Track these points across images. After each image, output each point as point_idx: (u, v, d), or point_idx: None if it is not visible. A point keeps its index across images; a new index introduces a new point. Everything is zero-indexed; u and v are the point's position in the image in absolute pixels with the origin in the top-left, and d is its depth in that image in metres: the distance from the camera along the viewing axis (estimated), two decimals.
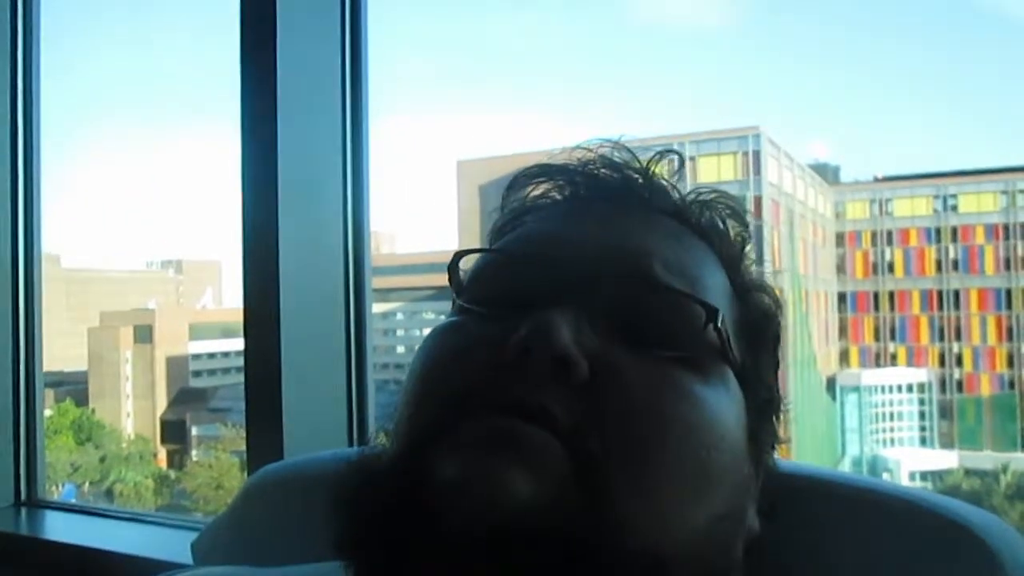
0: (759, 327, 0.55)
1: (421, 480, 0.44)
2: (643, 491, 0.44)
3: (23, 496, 1.60)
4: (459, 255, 0.55)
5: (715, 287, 0.53)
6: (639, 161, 0.57)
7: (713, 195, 0.58)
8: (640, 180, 0.56)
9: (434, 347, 0.51)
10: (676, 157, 0.58)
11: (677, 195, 0.57)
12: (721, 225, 0.57)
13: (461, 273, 0.55)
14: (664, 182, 0.57)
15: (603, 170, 0.56)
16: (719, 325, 0.49)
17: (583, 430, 0.44)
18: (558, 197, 0.57)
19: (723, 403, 0.48)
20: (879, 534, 0.56)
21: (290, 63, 1.28)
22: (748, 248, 0.57)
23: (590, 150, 0.57)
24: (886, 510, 0.56)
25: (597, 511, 0.42)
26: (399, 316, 16.37)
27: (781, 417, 0.56)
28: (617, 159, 0.57)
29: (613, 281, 0.49)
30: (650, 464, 0.44)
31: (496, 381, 0.45)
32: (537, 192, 0.58)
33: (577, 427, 0.44)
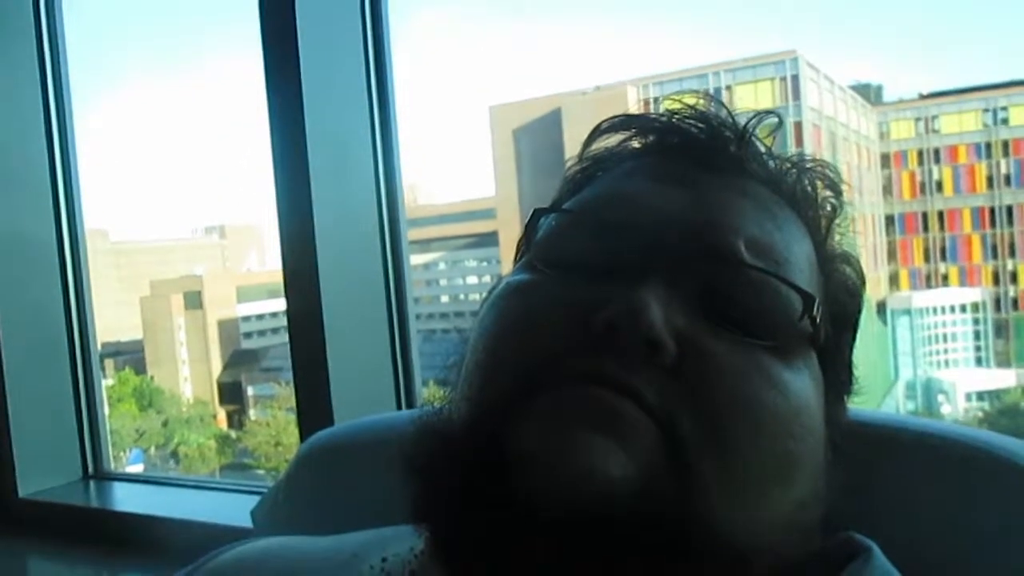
0: (842, 304, 0.54)
1: (501, 451, 0.42)
2: (731, 479, 0.43)
3: (90, 469, 1.65)
4: (539, 214, 0.53)
5: (802, 263, 0.50)
6: (733, 119, 0.54)
7: (811, 163, 0.55)
8: (731, 136, 0.53)
9: (510, 307, 0.49)
10: (775, 119, 0.55)
11: (772, 161, 0.54)
12: (813, 193, 0.55)
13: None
14: (759, 145, 0.54)
15: (691, 122, 0.53)
16: (814, 313, 0.47)
17: (673, 413, 0.42)
18: (637, 146, 0.55)
19: (807, 388, 0.47)
20: (930, 476, 0.55)
21: (310, 19, 1.25)
22: (838, 219, 0.55)
23: (679, 100, 0.54)
24: (939, 453, 0.55)
25: (686, 498, 0.41)
26: (441, 266, 16.42)
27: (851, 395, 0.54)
28: (709, 113, 0.54)
29: (702, 260, 0.47)
30: (738, 452, 0.43)
31: (583, 351, 0.43)
32: (616, 141, 0.55)
33: (667, 410, 0.42)
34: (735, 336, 0.46)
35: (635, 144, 0.55)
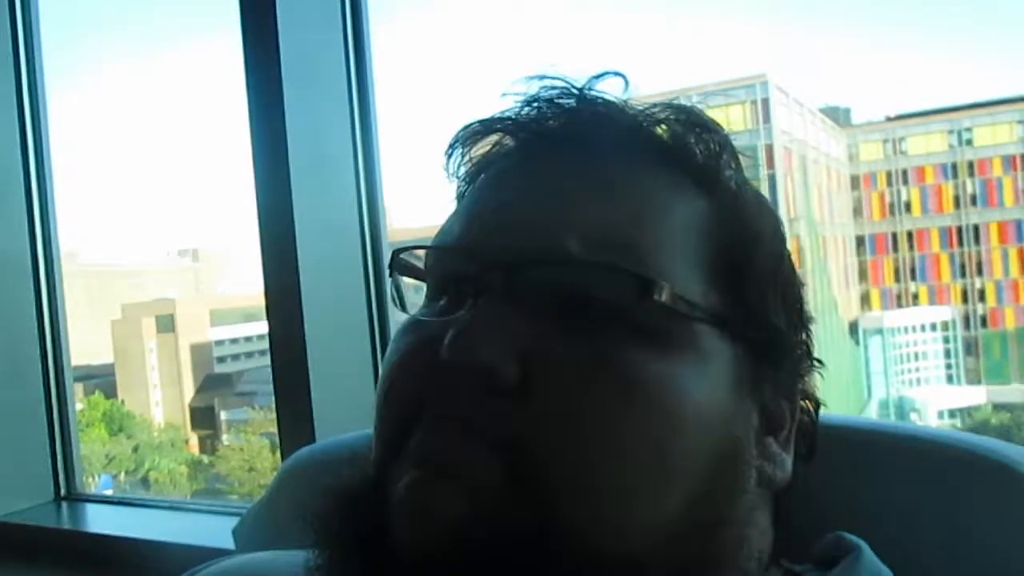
0: (747, 253, 0.48)
1: (379, 503, 0.45)
2: (593, 494, 0.41)
3: (62, 491, 1.63)
4: (396, 253, 0.52)
5: (670, 231, 0.46)
6: (574, 88, 0.50)
7: (672, 111, 0.50)
8: (580, 110, 0.49)
9: (391, 351, 0.50)
10: (621, 78, 0.50)
11: (627, 118, 0.49)
12: (684, 139, 0.49)
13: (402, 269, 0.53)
14: (608, 104, 0.49)
15: (542, 108, 0.50)
16: (658, 296, 0.43)
17: (517, 440, 0.42)
18: (502, 151, 0.53)
19: (687, 371, 0.44)
20: (917, 478, 0.55)
21: (292, 40, 1.26)
22: (726, 157, 0.49)
23: (530, 100, 0.51)
24: (924, 455, 0.56)
25: (544, 523, 0.40)
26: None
27: (804, 350, 0.50)
28: (538, 93, 0.50)
29: (537, 264, 0.45)
30: (598, 465, 0.41)
31: (433, 391, 0.44)
32: (483, 148, 0.54)
33: (508, 438, 0.42)
34: (591, 335, 0.43)
35: (503, 145, 0.53)
